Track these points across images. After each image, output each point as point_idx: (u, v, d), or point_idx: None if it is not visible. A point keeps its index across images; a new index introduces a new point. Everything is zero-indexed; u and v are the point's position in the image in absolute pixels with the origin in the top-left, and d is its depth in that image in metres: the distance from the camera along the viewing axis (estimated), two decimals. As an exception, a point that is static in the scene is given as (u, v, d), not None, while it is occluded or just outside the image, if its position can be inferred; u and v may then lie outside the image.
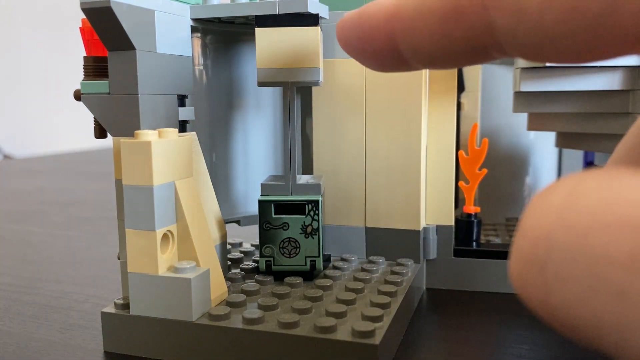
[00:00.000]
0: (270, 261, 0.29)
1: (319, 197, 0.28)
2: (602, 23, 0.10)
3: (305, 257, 0.29)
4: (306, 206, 0.28)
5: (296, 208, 0.28)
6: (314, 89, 0.33)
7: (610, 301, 0.08)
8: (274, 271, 0.29)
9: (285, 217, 0.28)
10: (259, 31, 0.27)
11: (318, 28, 0.27)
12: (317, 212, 0.28)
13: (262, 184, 0.29)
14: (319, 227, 0.28)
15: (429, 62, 0.14)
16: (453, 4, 0.12)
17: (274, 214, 0.28)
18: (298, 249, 0.28)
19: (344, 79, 0.32)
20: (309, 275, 0.29)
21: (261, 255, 0.29)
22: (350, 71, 0.32)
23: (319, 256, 0.29)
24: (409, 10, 0.13)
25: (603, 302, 0.08)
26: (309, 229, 0.28)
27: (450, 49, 0.13)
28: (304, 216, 0.28)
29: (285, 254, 0.29)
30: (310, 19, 0.27)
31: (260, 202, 0.28)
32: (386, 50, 0.14)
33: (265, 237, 0.29)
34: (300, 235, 0.28)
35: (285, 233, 0.28)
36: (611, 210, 0.08)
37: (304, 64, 0.27)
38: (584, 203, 0.09)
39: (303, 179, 0.30)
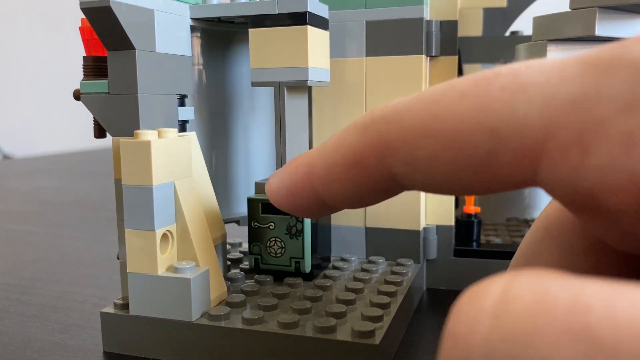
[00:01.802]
0: (258, 259, 0.29)
1: None
2: (485, 165, 0.11)
3: (290, 257, 0.29)
4: None
5: None
6: (314, 88, 0.33)
7: None
8: (261, 269, 0.29)
9: (272, 217, 0.28)
10: (252, 32, 0.27)
11: (306, 27, 0.27)
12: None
13: (256, 183, 0.29)
14: (304, 229, 0.28)
15: (349, 204, 0.15)
16: (355, 157, 0.14)
17: (262, 213, 0.28)
18: (283, 249, 0.29)
19: (344, 79, 0.32)
20: (309, 275, 0.29)
21: (250, 253, 0.29)
22: (349, 71, 0.32)
23: (303, 258, 0.28)
24: (321, 167, 0.15)
25: None
26: (294, 230, 0.28)
27: (363, 193, 0.14)
28: (288, 217, 0.28)
29: (271, 253, 0.29)
30: (299, 18, 0.27)
31: (249, 200, 0.29)
32: (311, 200, 0.16)
33: (254, 234, 0.29)
34: (286, 236, 0.28)
35: (272, 232, 0.29)
36: (549, 315, 0.08)
37: (293, 64, 0.27)
38: (519, 307, 0.08)
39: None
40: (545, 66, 0.11)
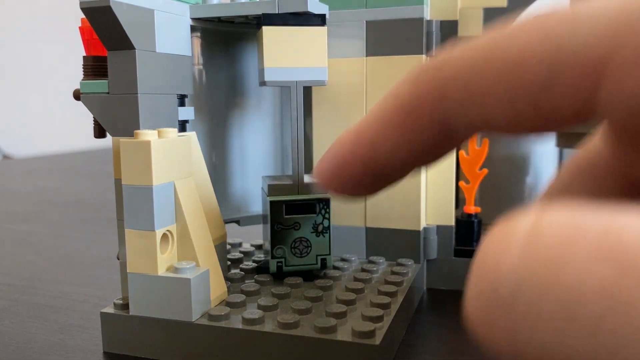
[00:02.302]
0: (281, 262, 0.29)
1: (329, 196, 0.28)
2: (545, 90, 0.11)
3: (317, 255, 0.29)
4: (317, 205, 0.28)
5: (307, 207, 0.29)
6: (313, 88, 0.33)
7: (585, 336, 0.08)
8: (284, 272, 0.29)
9: (297, 217, 0.28)
10: (266, 29, 0.27)
11: (325, 28, 0.27)
12: (327, 210, 0.28)
13: (269, 185, 0.29)
14: (329, 226, 0.28)
15: (400, 165, 0.15)
16: (409, 105, 0.14)
17: (285, 214, 0.28)
18: (309, 248, 0.29)
19: (344, 79, 0.32)
20: (309, 275, 0.29)
21: (272, 257, 0.29)
22: (350, 71, 0.32)
23: (329, 254, 0.29)
24: (370, 124, 0.15)
25: (578, 338, 0.08)
26: (320, 228, 0.28)
27: (417, 147, 0.14)
28: (315, 215, 0.28)
29: (296, 254, 0.29)
30: (318, 19, 0.27)
31: (271, 202, 0.28)
32: (362, 171, 0.15)
33: (277, 238, 0.29)
34: (312, 235, 0.28)
35: (297, 233, 0.28)
36: (580, 242, 0.08)
37: (311, 64, 0.27)
38: (550, 236, 0.08)
39: (307, 178, 0.30)
40: None
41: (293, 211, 0.28)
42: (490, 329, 0.09)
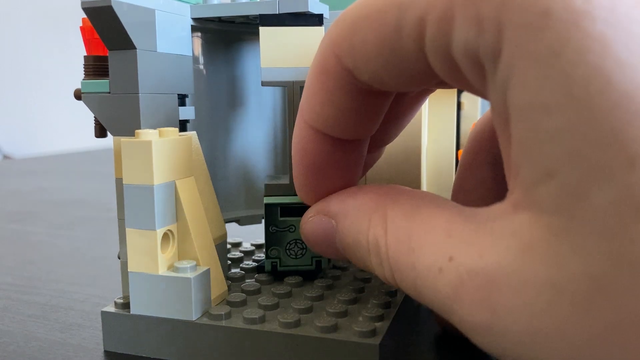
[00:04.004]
0: (276, 262, 0.29)
1: None
2: (397, 40, 0.13)
3: (312, 257, 0.29)
4: None
5: (303, 210, 0.28)
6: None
7: None
8: (279, 271, 0.29)
9: (292, 220, 0.28)
10: (263, 30, 0.27)
11: (322, 28, 0.27)
12: None
13: (266, 184, 0.29)
14: None
15: (340, 126, 0.16)
16: (318, 67, 0.16)
17: (280, 217, 0.28)
18: (304, 250, 0.28)
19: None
20: (310, 274, 0.29)
21: (267, 257, 0.29)
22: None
23: (324, 257, 0.29)
24: (303, 98, 0.17)
25: None
26: None
27: (338, 102, 0.16)
28: None
29: (291, 256, 0.29)
30: (315, 19, 0.27)
31: (266, 205, 0.28)
32: (315, 141, 0.17)
33: (271, 239, 0.28)
34: None
35: (292, 235, 0.28)
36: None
37: (308, 64, 0.27)
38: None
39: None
40: None
41: (288, 213, 0.28)
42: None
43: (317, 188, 0.17)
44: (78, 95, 0.27)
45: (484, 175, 0.17)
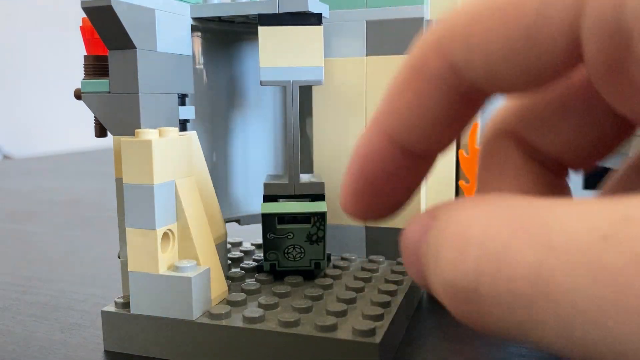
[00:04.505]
0: (274, 264, 0.29)
1: (325, 210, 0.27)
2: (537, 27, 0.12)
3: (310, 260, 0.29)
4: (312, 217, 0.28)
5: (301, 218, 0.28)
6: (314, 88, 0.33)
7: (525, 310, 0.10)
8: (278, 271, 0.29)
9: (290, 227, 0.28)
10: (262, 30, 0.27)
11: (321, 27, 0.27)
12: (322, 223, 0.28)
13: (265, 183, 0.29)
14: (324, 236, 0.28)
15: (428, 137, 0.14)
16: (415, 68, 0.14)
17: (278, 225, 0.28)
18: (303, 254, 0.28)
19: (344, 79, 0.32)
20: (310, 274, 0.29)
21: (265, 260, 0.29)
22: (350, 71, 0.32)
23: (324, 259, 0.29)
24: (386, 104, 0.15)
25: (521, 312, 0.10)
26: (314, 238, 0.28)
27: (433, 109, 0.14)
28: (309, 226, 0.28)
29: (289, 258, 0.28)
30: (314, 18, 0.27)
31: (263, 215, 0.28)
32: (388, 153, 0.15)
33: (270, 244, 0.28)
34: (306, 243, 0.28)
35: (290, 241, 0.28)
36: (519, 235, 0.10)
37: (307, 63, 0.27)
38: (496, 234, 0.10)
39: (304, 177, 0.30)
40: None
41: (286, 222, 0.28)
42: (462, 309, 0.11)
43: (367, 201, 0.16)
44: (78, 95, 0.27)
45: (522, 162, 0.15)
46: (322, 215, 0.27)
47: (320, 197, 0.29)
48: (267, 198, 0.29)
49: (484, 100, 0.14)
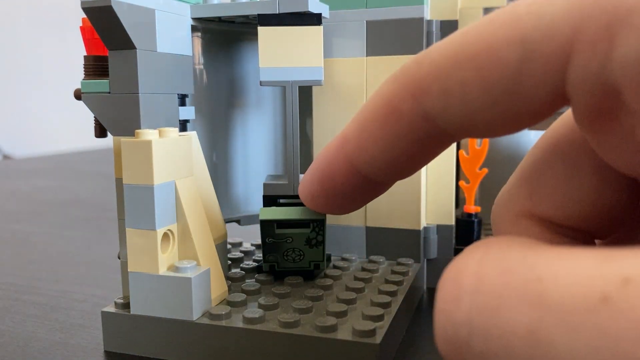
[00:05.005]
0: (274, 265, 0.29)
1: (324, 217, 0.27)
2: (518, 78, 0.11)
3: (310, 261, 0.28)
4: (311, 224, 0.27)
5: (299, 224, 0.28)
6: (314, 88, 0.33)
7: None
8: (277, 271, 0.29)
9: (289, 232, 0.27)
10: (262, 30, 0.27)
11: (321, 27, 0.27)
12: (322, 228, 0.27)
13: (264, 184, 0.29)
14: (324, 240, 0.28)
15: (389, 169, 0.14)
16: (389, 106, 0.13)
17: (277, 229, 0.28)
18: (302, 256, 0.28)
19: (344, 79, 0.32)
20: (309, 274, 0.29)
21: (265, 262, 0.29)
22: (350, 71, 0.32)
23: (323, 260, 0.28)
24: (354, 131, 0.14)
25: None
26: (314, 242, 0.28)
27: (402, 148, 0.14)
28: (308, 230, 0.27)
29: (289, 260, 0.28)
30: (313, 18, 0.27)
31: (261, 222, 0.27)
32: (348, 176, 0.15)
33: (269, 248, 0.28)
34: (305, 246, 0.28)
35: (289, 244, 0.28)
36: (509, 289, 0.10)
37: (307, 63, 0.27)
38: (489, 285, 0.10)
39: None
40: None
41: (285, 226, 0.28)
42: None
43: (327, 205, 0.17)
44: (78, 95, 0.27)
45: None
46: (320, 223, 0.27)
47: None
48: (267, 198, 0.29)
49: (453, 141, 0.14)
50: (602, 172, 0.13)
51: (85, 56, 0.27)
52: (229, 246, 0.36)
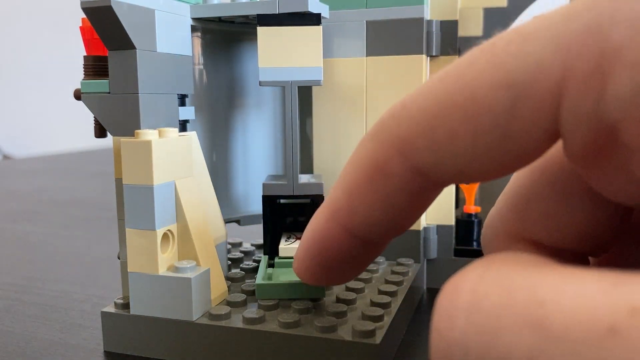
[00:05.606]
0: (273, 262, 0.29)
1: (323, 295, 0.26)
2: (508, 124, 0.11)
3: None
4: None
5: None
6: (314, 88, 0.33)
7: None
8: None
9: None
10: (261, 30, 0.27)
11: (320, 27, 0.27)
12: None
13: (264, 184, 0.29)
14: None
15: (385, 230, 0.14)
16: (375, 166, 0.13)
17: (279, 258, 0.28)
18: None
19: (344, 79, 0.32)
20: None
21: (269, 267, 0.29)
22: (350, 71, 0.32)
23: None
24: (343, 198, 0.14)
25: None
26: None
27: (395, 206, 0.13)
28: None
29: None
30: (313, 18, 0.27)
31: (258, 285, 0.26)
32: (345, 244, 0.15)
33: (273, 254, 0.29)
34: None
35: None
36: (510, 310, 0.09)
37: (306, 63, 0.27)
38: (487, 304, 0.10)
39: (303, 178, 0.30)
40: (548, 13, 0.11)
41: (287, 257, 0.28)
42: None
43: (327, 277, 0.16)
44: (78, 95, 0.27)
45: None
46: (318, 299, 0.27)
47: (320, 198, 0.29)
48: (266, 198, 0.29)
49: (446, 186, 0.13)
50: (593, 196, 0.13)
51: (85, 56, 0.27)
52: (229, 246, 0.36)
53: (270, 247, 0.29)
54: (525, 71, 0.11)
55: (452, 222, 0.34)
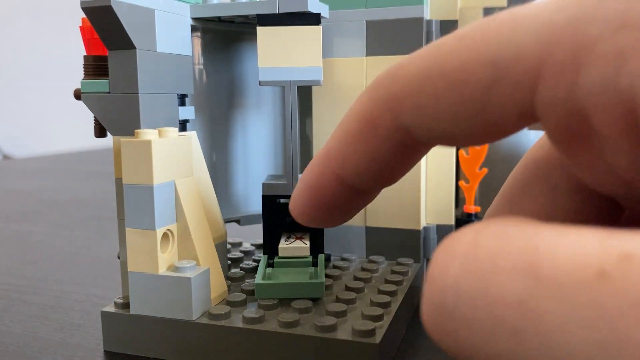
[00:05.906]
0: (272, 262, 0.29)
1: (321, 296, 0.27)
2: (488, 97, 0.12)
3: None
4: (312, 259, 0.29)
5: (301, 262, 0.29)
6: (313, 88, 0.33)
7: (507, 340, 0.09)
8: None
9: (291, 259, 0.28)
10: (261, 30, 0.27)
11: (320, 27, 0.27)
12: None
13: (263, 183, 0.29)
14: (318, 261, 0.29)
15: (373, 178, 0.15)
16: (366, 119, 0.14)
17: (279, 258, 0.28)
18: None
19: (344, 79, 0.32)
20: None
21: (268, 266, 0.29)
22: (349, 71, 0.32)
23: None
24: (336, 146, 0.15)
25: (502, 341, 0.09)
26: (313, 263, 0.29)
27: (382, 158, 0.14)
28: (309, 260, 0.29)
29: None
30: (313, 18, 0.27)
31: (257, 285, 0.26)
32: (336, 188, 0.16)
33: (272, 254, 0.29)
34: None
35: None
36: (504, 256, 0.09)
37: (306, 63, 0.27)
38: (483, 251, 0.10)
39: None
40: (545, 2, 0.12)
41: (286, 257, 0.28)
42: (439, 330, 0.10)
43: (319, 218, 0.17)
44: (78, 95, 0.27)
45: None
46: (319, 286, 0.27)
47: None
48: (266, 198, 0.29)
49: (429, 149, 0.14)
50: (582, 192, 0.13)
51: (85, 56, 0.27)
52: (229, 246, 0.36)
53: (270, 246, 0.29)
54: (508, 51, 0.11)
55: (452, 222, 0.34)
